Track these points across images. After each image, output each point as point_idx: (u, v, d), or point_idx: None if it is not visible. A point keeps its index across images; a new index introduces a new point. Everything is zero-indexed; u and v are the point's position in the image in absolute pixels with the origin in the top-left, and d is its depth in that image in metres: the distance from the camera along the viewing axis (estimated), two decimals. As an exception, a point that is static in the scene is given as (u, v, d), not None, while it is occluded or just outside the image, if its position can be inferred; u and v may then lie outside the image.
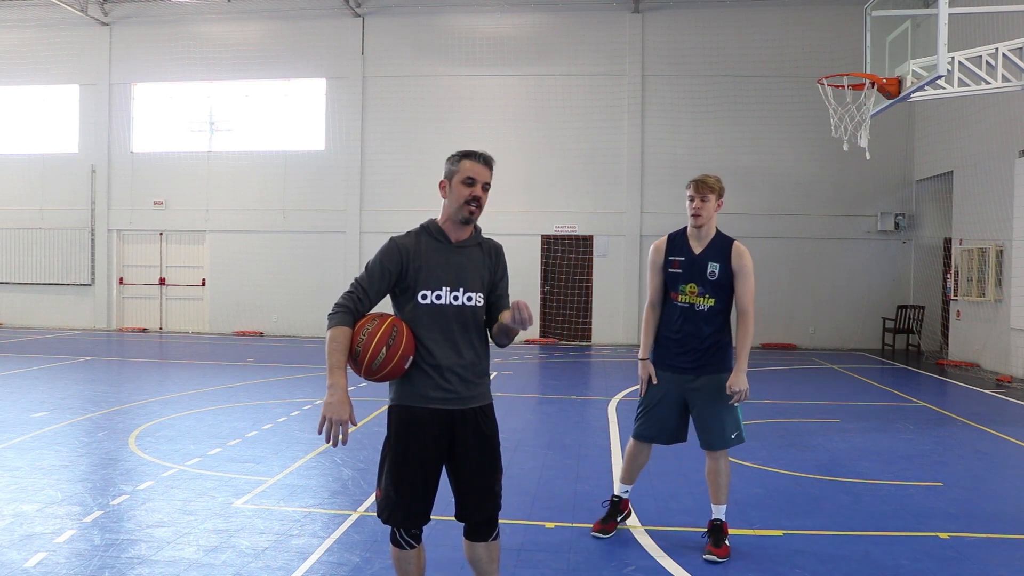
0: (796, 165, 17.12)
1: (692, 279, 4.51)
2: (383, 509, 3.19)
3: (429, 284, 3.16)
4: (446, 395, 3.17)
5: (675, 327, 4.55)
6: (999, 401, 10.52)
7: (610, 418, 8.81)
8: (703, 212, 4.48)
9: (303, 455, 6.79)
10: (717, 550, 4.44)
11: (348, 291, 3.20)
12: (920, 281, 16.91)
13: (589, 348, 16.92)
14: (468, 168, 3.19)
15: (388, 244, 3.24)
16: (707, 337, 4.50)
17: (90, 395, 9.98)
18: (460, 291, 3.19)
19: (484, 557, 3.34)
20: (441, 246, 3.23)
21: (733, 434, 4.53)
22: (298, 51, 18.32)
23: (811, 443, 7.56)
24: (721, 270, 4.50)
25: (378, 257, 3.23)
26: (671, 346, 4.56)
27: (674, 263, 4.56)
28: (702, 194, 4.48)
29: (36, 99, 19.44)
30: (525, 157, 17.49)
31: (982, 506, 5.58)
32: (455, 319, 3.18)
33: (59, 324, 19.18)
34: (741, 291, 4.54)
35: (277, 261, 18.42)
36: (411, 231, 3.29)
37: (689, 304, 4.51)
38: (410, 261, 3.18)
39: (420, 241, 3.23)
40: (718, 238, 4.57)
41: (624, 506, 4.92)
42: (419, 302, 3.16)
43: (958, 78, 9.58)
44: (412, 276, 3.17)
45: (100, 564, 4.26)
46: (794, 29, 17.09)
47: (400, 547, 3.24)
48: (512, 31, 17.87)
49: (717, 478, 4.58)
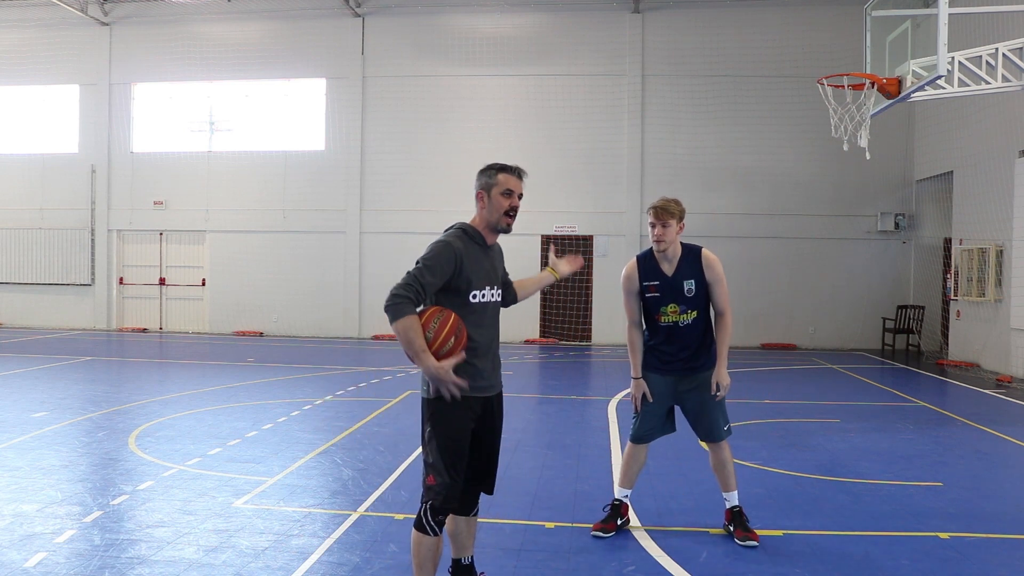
0: (796, 165, 17.12)
1: (671, 300, 4.63)
2: (438, 493, 3.37)
3: (478, 284, 3.45)
4: (483, 383, 3.48)
5: (662, 341, 4.73)
6: (999, 401, 10.52)
7: (610, 418, 8.81)
8: (665, 238, 4.58)
9: (303, 455, 6.79)
10: (750, 533, 4.68)
11: (405, 283, 3.28)
12: (920, 281, 16.91)
13: (589, 348, 16.92)
14: (505, 181, 3.48)
15: (444, 245, 3.38)
16: (693, 342, 4.69)
17: (90, 395, 9.98)
18: (495, 288, 3.57)
19: (464, 531, 3.70)
20: (481, 249, 3.53)
21: (725, 426, 4.77)
22: (298, 51, 18.32)
23: (811, 443, 7.56)
24: (697, 285, 4.62)
25: (435, 255, 3.35)
26: (660, 355, 4.74)
27: (650, 288, 4.67)
28: (663, 220, 4.56)
29: (36, 99, 19.44)
30: (525, 157, 17.35)
31: (982, 506, 5.58)
32: (492, 314, 3.55)
33: (59, 324, 19.18)
34: (718, 295, 4.68)
35: (277, 261, 18.43)
36: (455, 234, 3.46)
37: (673, 323, 4.66)
38: (463, 263, 3.39)
39: (467, 244, 3.46)
40: (685, 253, 4.67)
41: (624, 511, 4.94)
42: (470, 301, 3.42)
43: (958, 78, 9.58)
44: (465, 277, 3.39)
45: (100, 564, 4.26)
46: (794, 29, 17.09)
47: (426, 533, 3.40)
48: (512, 31, 17.87)
49: (723, 467, 4.80)
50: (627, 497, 4.96)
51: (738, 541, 4.68)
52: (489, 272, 3.53)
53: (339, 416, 8.62)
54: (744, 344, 16.88)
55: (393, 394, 10.07)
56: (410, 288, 3.26)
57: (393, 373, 12.05)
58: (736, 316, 18.62)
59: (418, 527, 3.41)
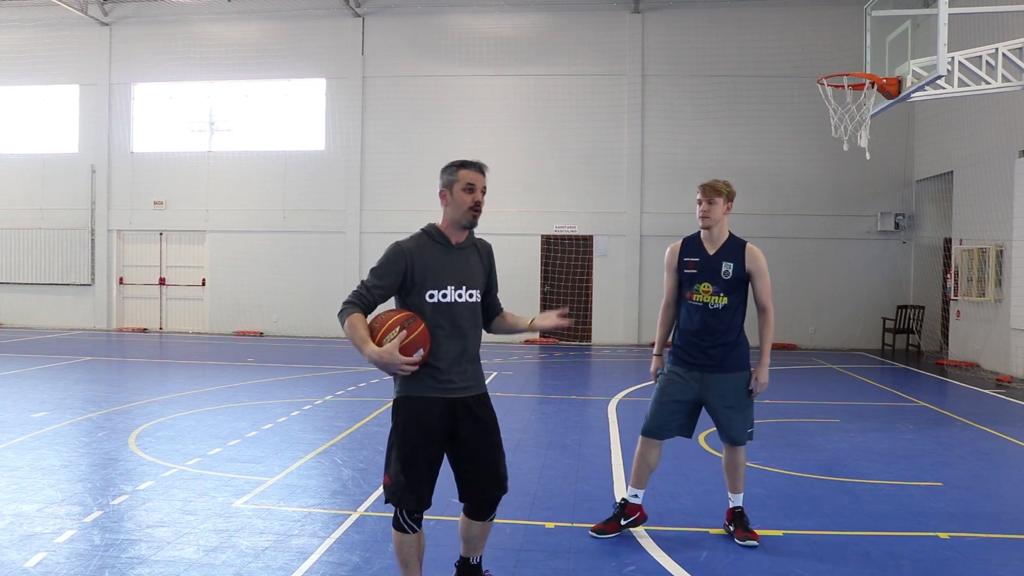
0: (796, 165, 17.12)
1: (706, 279, 4.65)
2: (392, 493, 3.41)
3: (436, 284, 3.42)
4: (449, 385, 3.44)
5: (691, 326, 4.69)
6: (999, 401, 10.52)
7: (610, 418, 8.81)
8: (711, 215, 4.65)
9: (303, 455, 6.79)
10: (750, 533, 4.69)
11: (354, 291, 3.43)
12: (920, 281, 16.91)
13: (589, 348, 16.92)
14: (466, 176, 3.47)
15: (393, 247, 3.45)
16: (721, 334, 4.65)
17: (90, 395, 9.99)
18: (463, 289, 3.48)
19: (478, 535, 3.69)
20: (444, 248, 3.49)
21: (749, 430, 4.75)
22: (298, 51, 18.32)
23: (811, 443, 7.56)
24: (735, 269, 4.63)
25: (383, 260, 3.45)
26: (687, 345, 4.71)
27: (689, 264, 4.71)
28: (709, 197, 4.65)
29: (36, 99, 19.44)
30: (525, 157, 17.51)
31: (982, 506, 5.58)
32: (461, 315, 3.47)
33: (59, 324, 19.18)
34: (760, 289, 4.70)
35: (277, 261, 18.42)
36: (413, 235, 3.51)
37: (703, 303, 4.65)
38: (415, 263, 3.40)
39: (423, 244, 3.47)
40: (731, 240, 4.72)
41: (632, 511, 4.81)
42: (427, 300, 3.41)
43: (958, 78, 9.58)
44: (419, 277, 3.40)
45: (100, 564, 4.26)
46: (794, 29, 17.10)
47: (403, 531, 3.45)
48: (512, 31, 17.87)
49: (736, 470, 4.78)
50: (636, 497, 4.82)
51: (738, 541, 4.68)
52: (454, 273, 3.46)
53: (339, 416, 8.62)
54: (744, 344, 16.86)
55: (393, 394, 10.05)
56: (356, 295, 3.40)
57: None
58: (736, 316, 18.37)
59: (396, 526, 3.47)
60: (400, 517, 3.43)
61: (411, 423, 3.41)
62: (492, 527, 3.74)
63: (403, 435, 3.41)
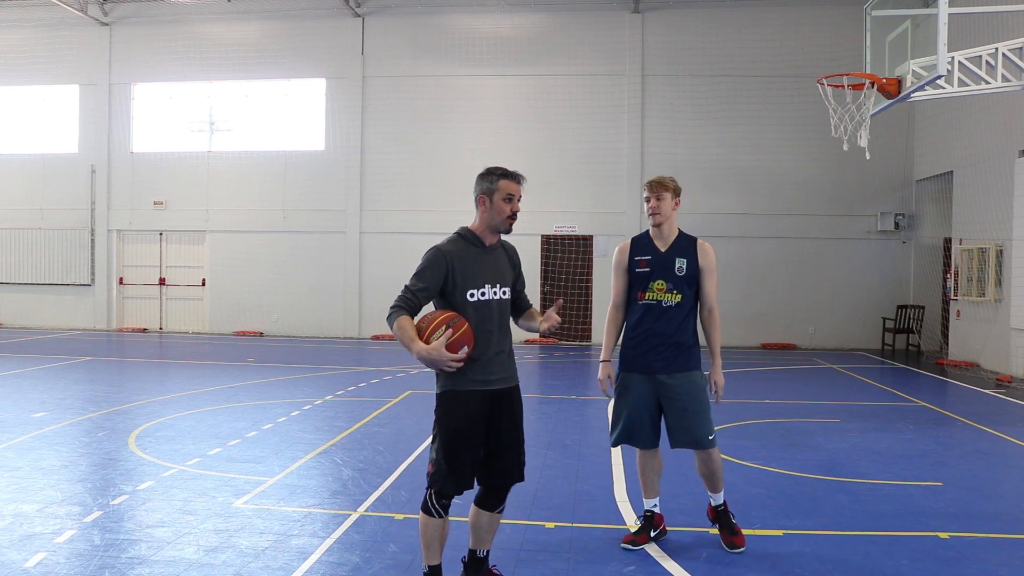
0: (796, 165, 17.11)
1: (660, 276, 4.56)
2: (435, 480, 3.62)
3: (475, 283, 3.65)
4: (490, 378, 3.66)
5: (641, 327, 4.58)
6: (999, 401, 10.51)
7: (610, 418, 8.79)
8: (660, 210, 4.58)
9: (303, 455, 6.79)
10: (736, 538, 4.59)
11: (400, 295, 3.60)
12: (920, 281, 16.91)
13: (589, 348, 16.92)
14: (506, 187, 3.72)
15: (433, 252, 3.65)
16: (673, 334, 4.53)
17: (90, 395, 9.99)
18: (498, 287, 3.73)
19: (486, 525, 3.84)
20: (478, 250, 3.72)
21: (711, 435, 4.56)
22: (298, 51, 18.32)
23: (811, 443, 7.56)
24: (688, 265, 4.56)
25: (425, 263, 3.63)
26: (638, 346, 4.59)
27: (641, 262, 4.63)
28: (657, 193, 4.58)
29: (36, 99, 19.43)
30: (525, 157, 17.46)
31: (982, 506, 5.58)
32: (497, 311, 3.71)
33: (59, 324, 19.18)
34: (708, 287, 4.62)
35: (277, 261, 18.42)
36: (450, 238, 3.73)
37: (656, 301, 4.55)
38: (455, 265, 3.62)
39: (460, 247, 3.69)
40: (682, 237, 4.66)
41: (659, 521, 4.77)
42: (468, 299, 3.62)
43: (958, 78, 9.57)
44: (459, 277, 3.62)
45: (100, 564, 4.26)
46: (794, 29, 17.09)
47: (430, 515, 3.65)
48: (512, 31, 17.87)
49: (713, 473, 4.66)
50: (656, 507, 4.76)
51: (725, 547, 4.58)
52: (489, 272, 3.70)
53: (339, 416, 8.62)
54: (744, 344, 16.88)
55: (393, 394, 10.07)
56: (403, 299, 3.59)
57: (393, 373, 12.05)
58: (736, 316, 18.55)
59: (424, 509, 3.67)
60: (429, 501, 3.63)
61: (455, 415, 3.61)
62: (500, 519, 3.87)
63: (447, 426, 3.61)
